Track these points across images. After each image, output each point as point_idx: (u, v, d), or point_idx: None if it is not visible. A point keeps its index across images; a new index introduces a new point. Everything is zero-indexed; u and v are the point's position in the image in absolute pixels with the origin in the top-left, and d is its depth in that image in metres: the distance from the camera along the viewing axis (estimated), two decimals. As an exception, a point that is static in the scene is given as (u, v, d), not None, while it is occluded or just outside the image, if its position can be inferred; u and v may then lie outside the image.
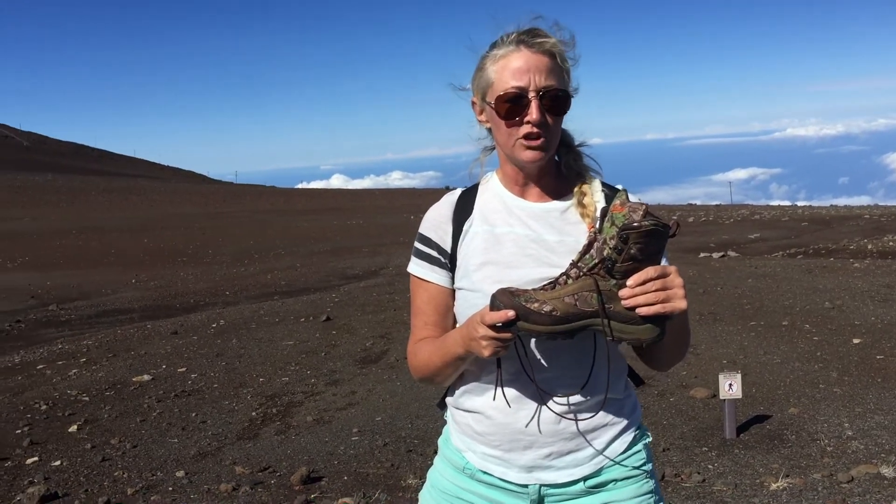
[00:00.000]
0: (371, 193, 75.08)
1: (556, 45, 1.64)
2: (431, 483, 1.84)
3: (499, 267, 1.67)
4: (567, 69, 1.67)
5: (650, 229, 1.46)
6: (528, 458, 1.68)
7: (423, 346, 1.75)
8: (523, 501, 1.71)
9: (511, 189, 1.75)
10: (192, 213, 48.16)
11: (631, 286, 1.47)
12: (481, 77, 1.68)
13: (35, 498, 5.09)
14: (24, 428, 6.86)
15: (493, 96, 1.65)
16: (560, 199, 1.73)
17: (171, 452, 6.00)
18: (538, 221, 1.70)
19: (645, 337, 1.51)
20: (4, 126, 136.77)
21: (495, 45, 1.67)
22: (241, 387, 7.86)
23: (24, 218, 44.18)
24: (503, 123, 1.64)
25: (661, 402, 6.48)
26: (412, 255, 1.80)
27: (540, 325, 1.49)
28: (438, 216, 1.79)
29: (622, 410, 1.74)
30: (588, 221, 1.69)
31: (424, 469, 5.18)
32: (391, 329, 10.23)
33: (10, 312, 14.42)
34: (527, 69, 1.61)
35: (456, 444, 1.78)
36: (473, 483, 1.74)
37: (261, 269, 20.05)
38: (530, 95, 1.61)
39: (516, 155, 1.66)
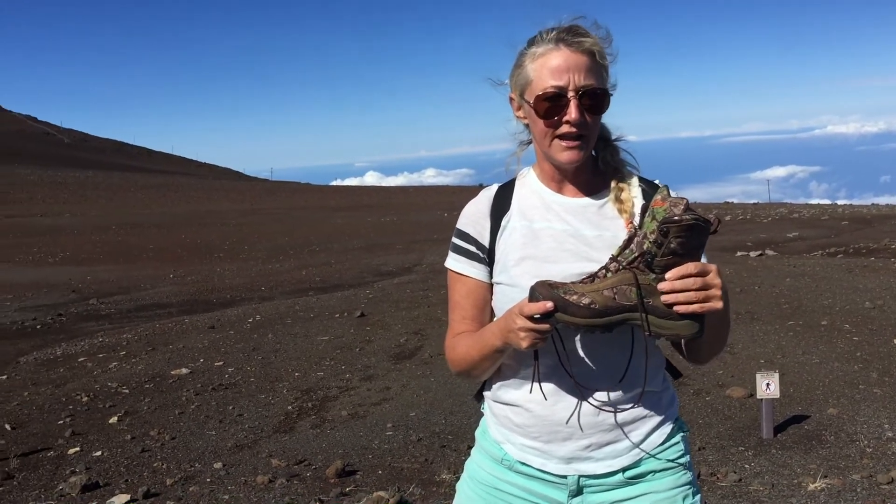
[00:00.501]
0: (405, 191, 75.26)
1: (595, 43, 1.64)
2: (469, 474, 1.85)
3: (537, 261, 1.68)
4: (605, 66, 1.67)
5: (691, 223, 1.45)
6: (567, 450, 1.69)
7: (460, 340, 1.77)
8: (562, 492, 1.72)
9: (548, 185, 1.75)
10: (228, 209, 48.71)
11: (670, 279, 1.47)
12: (520, 74, 1.69)
13: (77, 487, 5.21)
14: (67, 419, 7.02)
15: (532, 95, 1.65)
16: (597, 194, 1.74)
17: (209, 444, 6.09)
18: (576, 216, 1.71)
19: (683, 333, 1.51)
20: (47, 124, 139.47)
21: (534, 42, 1.67)
22: (277, 381, 7.95)
23: (66, 214, 45.05)
24: (542, 122, 1.65)
25: (697, 401, 6.43)
26: (450, 251, 1.82)
27: (578, 318, 1.50)
28: (476, 212, 1.80)
29: (660, 403, 1.74)
30: (625, 216, 1.69)
31: (458, 464, 5.21)
32: (425, 325, 10.27)
33: (52, 306, 14.71)
34: (566, 68, 1.61)
35: (494, 435, 1.80)
36: (512, 474, 1.76)
37: (296, 266, 20.21)
38: (569, 95, 1.61)
39: (554, 155, 1.67)
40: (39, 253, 25.72)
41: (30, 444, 6.35)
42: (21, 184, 65.67)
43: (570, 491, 1.71)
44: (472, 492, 1.82)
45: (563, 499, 1.72)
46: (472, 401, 6.17)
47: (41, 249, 26.69)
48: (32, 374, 8.99)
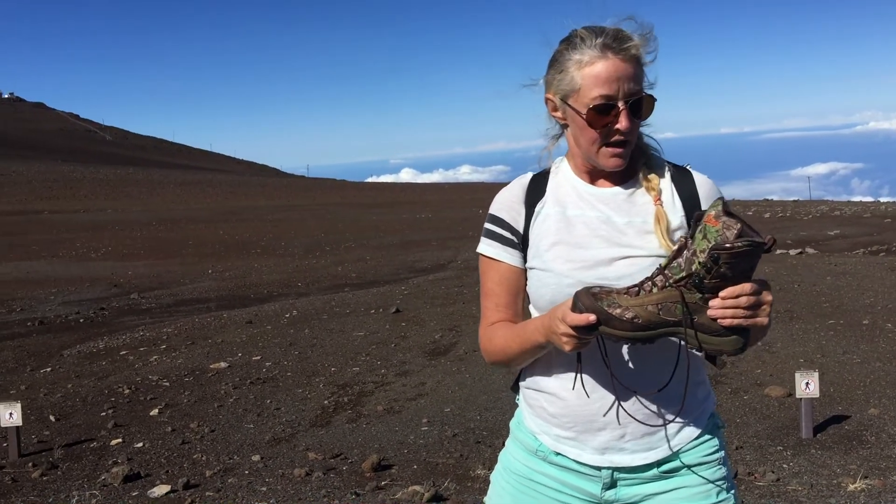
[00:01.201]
0: (440, 187, 75.37)
1: (639, 47, 1.65)
2: (503, 465, 1.87)
3: (570, 247, 1.71)
4: (647, 64, 1.68)
5: (744, 250, 1.43)
6: (601, 440, 1.70)
7: (498, 331, 1.78)
8: (595, 485, 1.73)
9: (581, 177, 1.79)
10: (265, 205, 49.20)
11: (723, 297, 1.47)
12: (563, 79, 1.69)
13: (119, 477, 5.32)
14: (109, 411, 7.17)
15: (578, 102, 1.66)
16: (626, 181, 1.76)
17: (247, 437, 6.18)
18: (607, 204, 1.73)
19: (728, 349, 1.51)
20: (89, 121, 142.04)
21: (575, 46, 1.66)
22: (314, 375, 8.03)
23: (107, 209, 45.86)
24: (591, 132, 1.67)
25: (734, 400, 6.37)
26: (482, 237, 1.83)
27: (620, 331, 1.51)
28: (511, 197, 1.82)
29: (696, 397, 1.75)
30: (654, 194, 1.71)
31: (493, 460, 5.22)
32: (460, 322, 10.29)
33: (94, 300, 15.02)
34: (616, 77, 1.63)
35: (529, 426, 1.81)
36: (546, 465, 1.77)
37: (332, 262, 20.37)
38: (620, 105, 1.63)
39: (600, 161, 1.70)
40: (82, 248, 26.24)
41: (73, 435, 6.50)
42: (64, 180, 67.01)
43: (604, 483, 1.72)
44: (506, 483, 1.84)
45: (597, 491, 1.73)
46: (507, 397, 6.16)
47: (84, 244, 27.23)
48: (76, 367, 9.20)
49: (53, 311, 13.73)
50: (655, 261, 1.64)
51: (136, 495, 5.04)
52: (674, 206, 1.71)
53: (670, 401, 1.69)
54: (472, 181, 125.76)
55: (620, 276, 1.63)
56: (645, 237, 1.68)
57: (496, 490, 1.86)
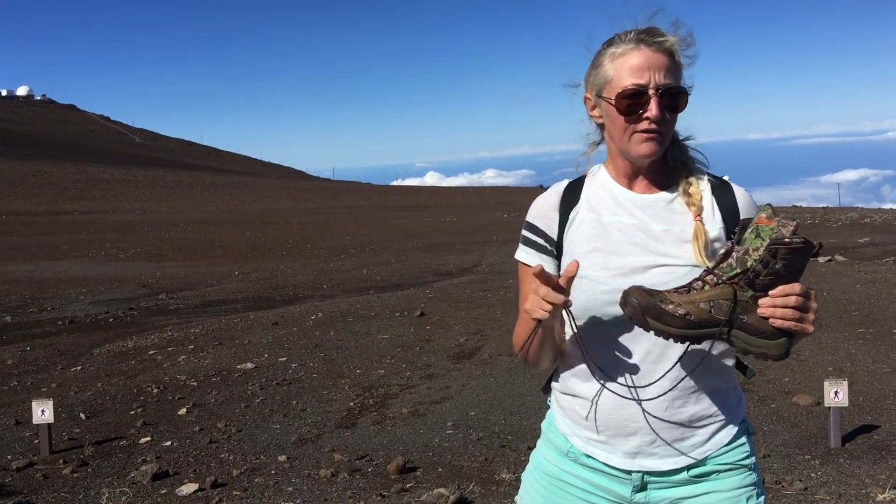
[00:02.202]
0: (464, 191, 75.40)
1: (674, 43, 1.67)
2: (535, 465, 1.89)
3: (605, 254, 1.71)
4: (683, 66, 1.70)
5: (800, 246, 1.47)
6: (631, 444, 1.71)
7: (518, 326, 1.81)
8: (626, 487, 1.74)
9: (619, 181, 1.78)
10: (291, 207, 49.54)
11: (775, 296, 1.49)
12: (597, 74, 1.72)
13: (148, 475, 5.40)
14: (138, 409, 7.27)
15: (611, 93, 1.68)
16: (666, 189, 1.76)
17: (274, 437, 6.24)
18: (644, 211, 1.74)
19: (773, 353, 1.52)
20: (119, 123, 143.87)
21: (612, 42, 1.70)
22: (339, 377, 8.08)
23: (136, 211, 46.43)
24: (621, 119, 1.68)
25: (762, 408, 6.32)
26: (520, 243, 1.86)
27: (673, 328, 1.52)
28: (546, 205, 1.84)
29: (727, 403, 1.75)
30: (694, 210, 1.72)
31: (518, 464, 5.23)
32: (484, 326, 10.30)
33: (123, 300, 15.22)
34: (647, 67, 1.65)
35: (560, 427, 1.83)
36: (577, 467, 1.79)
37: (357, 264, 20.46)
38: (650, 92, 1.64)
39: (631, 149, 1.70)
40: (112, 248, 26.59)
41: (103, 433, 6.60)
42: (95, 181, 67.92)
43: (634, 486, 1.73)
44: (537, 482, 1.86)
45: (627, 493, 1.74)
46: (532, 401, 6.17)
47: (113, 245, 27.59)
48: (105, 366, 9.33)
49: (83, 311, 13.93)
50: (691, 270, 1.65)
51: (165, 493, 5.11)
52: (713, 220, 1.72)
53: (700, 408, 1.70)
54: (497, 185, 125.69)
55: (654, 284, 1.63)
56: (682, 246, 1.68)
57: (527, 489, 1.88)
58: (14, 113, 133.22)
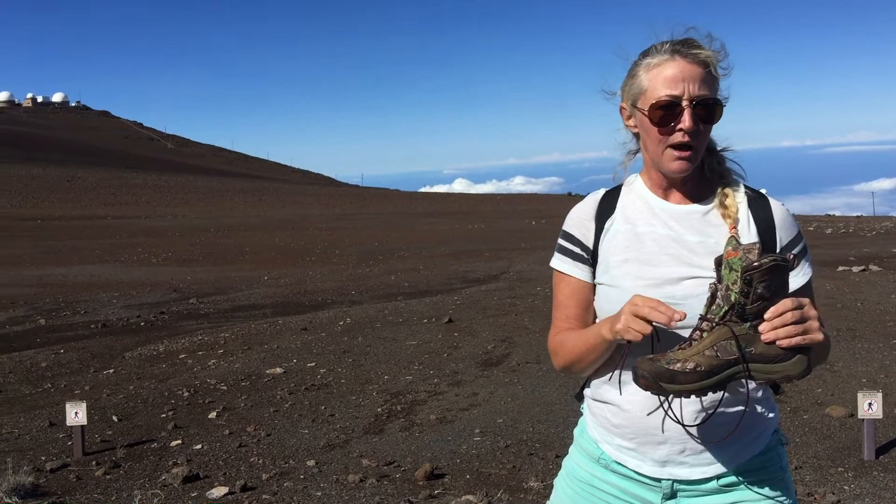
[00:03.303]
0: (493, 198, 75.37)
1: (709, 55, 1.67)
2: (567, 471, 1.90)
3: (639, 264, 1.72)
4: (718, 79, 1.70)
5: (771, 266, 1.49)
6: (662, 453, 1.71)
7: (568, 334, 1.81)
8: (656, 494, 1.74)
9: (655, 192, 1.79)
10: (320, 213, 49.85)
11: (769, 318, 1.49)
12: (633, 84, 1.73)
13: (179, 478, 5.46)
14: (169, 412, 7.35)
15: (645, 103, 1.69)
16: (702, 201, 1.76)
17: (303, 442, 6.28)
18: (680, 222, 1.73)
19: (794, 372, 1.51)
20: (152, 129, 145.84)
21: (648, 53, 1.71)
22: (367, 383, 8.11)
23: (168, 216, 46.99)
24: (655, 130, 1.68)
25: (794, 419, 6.25)
26: (555, 251, 1.87)
27: (688, 385, 1.52)
28: (582, 214, 1.85)
29: (759, 412, 1.75)
30: (729, 222, 1.71)
31: (546, 472, 5.22)
32: (512, 333, 10.29)
33: (154, 304, 15.40)
34: (681, 78, 1.65)
35: (592, 434, 1.84)
36: (608, 473, 1.79)
37: (385, 270, 20.53)
38: (684, 104, 1.64)
39: (664, 164, 1.70)
40: (144, 253, 26.93)
41: (135, 436, 6.69)
42: (127, 187, 68.89)
43: (665, 494, 1.73)
44: (569, 488, 1.86)
45: (658, 501, 1.74)
46: (560, 410, 6.14)
47: (145, 250, 27.94)
48: (137, 369, 9.45)
49: (116, 314, 14.12)
50: None
51: (196, 496, 5.16)
52: (748, 233, 1.71)
53: (730, 417, 1.69)
54: (526, 192, 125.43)
55: (687, 295, 1.63)
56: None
57: (559, 495, 1.89)
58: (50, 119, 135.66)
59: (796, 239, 1.74)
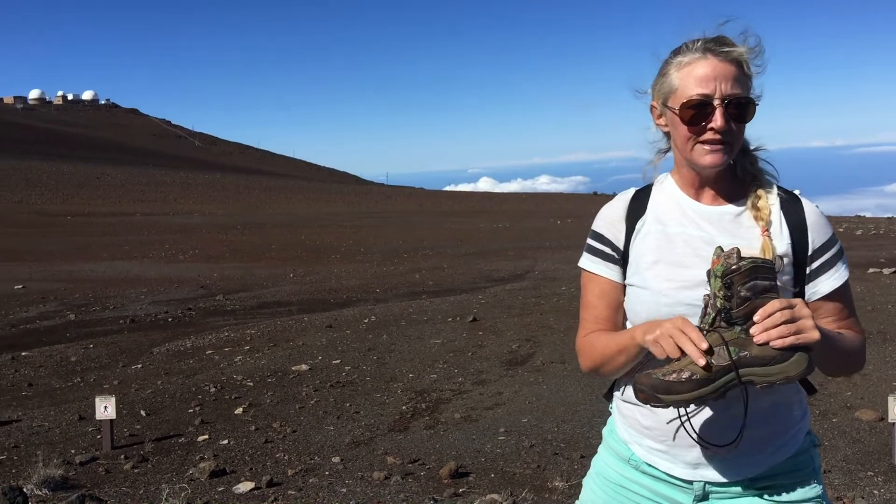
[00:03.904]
0: (518, 197, 75.17)
1: (742, 53, 1.64)
2: (596, 471, 1.88)
3: (670, 265, 1.70)
4: (751, 76, 1.67)
5: (749, 267, 1.49)
6: (693, 455, 1.70)
7: (601, 336, 1.79)
8: (687, 496, 1.72)
9: (686, 191, 1.76)
10: (345, 212, 50.04)
11: (758, 320, 1.47)
12: (664, 83, 1.71)
13: (206, 472, 5.52)
14: (196, 408, 7.42)
15: (676, 102, 1.67)
16: (734, 202, 1.73)
17: (328, 439, 6.31)
18: (711, 224, 1.71)
19: (793, 373, 1.49)
20: (179, 127, 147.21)
21: (679, 51, 1.69)
22: (392, 381, 8.14)
23: (195, 213, 47.39)
24: (685, 129, 1.66)
25: (823, 423, 6.17)
26: (584, 251, 1.85)
27: (686, 394, 1.51)
28: (612, 214, 1.83)
29: (791, 414, 1.73)
30: (762, 224, 1.68)
31: (571, 472, 5.20)
32: (537, 332, 10.27)
33: (182, 300, 15.55)
34: (713, 76, 1.63)
35: (622, 435, 1.82)
36: (638, 474, 1.78)
37: (409, 269, 20.56)
38: (715, 103, 1.62)
39: (695, 159, 1.68)
40: (171, 250, 27.18)
41: (163, 430, 6.76)
42: (155, 184, 69.61)
43: (696, 495, 1.71)
44: (598, 488, 1.85)
45: (689, 502, 1.72)
46: (585, 410, 6.10)
47: (173, 246, 28.20)
48: (165, 364, 9.55)
49: (144, 310, 14.28)
50: None
51: (222, 491, 5.22)
52: (780, 235, 1.69)
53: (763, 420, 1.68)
54: (551, 191, 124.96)
55: None
56: None
57: (588, 495, 1.88)
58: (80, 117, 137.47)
59: (830, 242, 1.71)
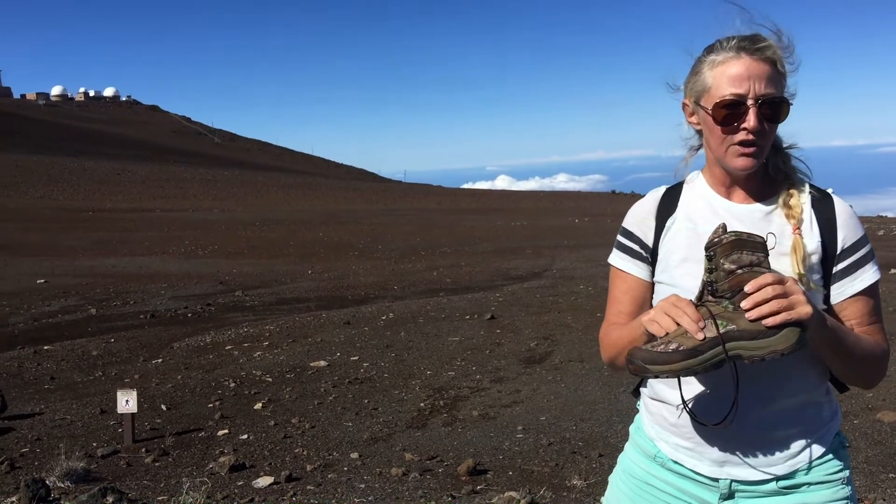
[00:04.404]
0: (535, 195, 75.00)
1: (776, 51, 1.63)
2: (622, 468, 1.88)
3: (699, 263, 1.69)
4: (785, 75, 1.66)
5: (732, 240, 1.51)
6: (720, 453, 1.69)
7: (615, 328, 1.80)
8: (713, 494, 1.72)
9: (717, 190, 1.76)
10: (363, 209, 50.13)
11: (749, 290, 1.47)
12: (696, 81, 1.70)
13: (225, 467, 5.56)
14: (216, 402, 7.48)
15: (709, 102, 1.66)
16: (765, 200, 1.72)
17: (346, 435, 6.34)
18: (742, 222, 1.70)
19: (780, 347, 1.48)
20: (199, 124, 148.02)
21: (713, 49, 1.68)
22: (410, 378, 8.16)
23: (214, 209, 47.66)
24: (718, 129, 1.66)
25: (844, 424, 6.07)
26: (614, 248, 1.86)
27: (671, 364, 1.51)
28: (642, 211, 1.83)
29: (821, 414, 1.72)
30: (793, 223, 1.67)
31: (589, 471, 5.20)
32: (555, 331, 10.25)
33: (201, 296, 15.65)
34: (747, 76, 1.61)
35: (648, 432, 1.82)
36: (664, 472, 1.78)
37: (427, 266, 20.57)
38: (749, 103, 1.61)
39: (728, 161, 1.67)
40: (191, 246, 27.36)
41: (183, 424, 6.82)
42: (175, 180, 70.06)
43: (722, 494, 1.71)
44: (624, 486, 1.85)
45: (715, 501, 1.72)
46: (603, 409, 6.08)
47: (192, 242, 28.38)
48: (185, 359, 9.63)
49: (164, 306, 14.39)
50: None
51: (242, 485, 5.25)
52: (811, 233, 1.68)
53: (791, 404, 1.67)
54: (569, 189, 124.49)
55: None
56: (779, 259, 1.64)
57: (614, 492, 1.88)
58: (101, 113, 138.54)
59: (860, 241, 1.70)
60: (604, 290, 1.95)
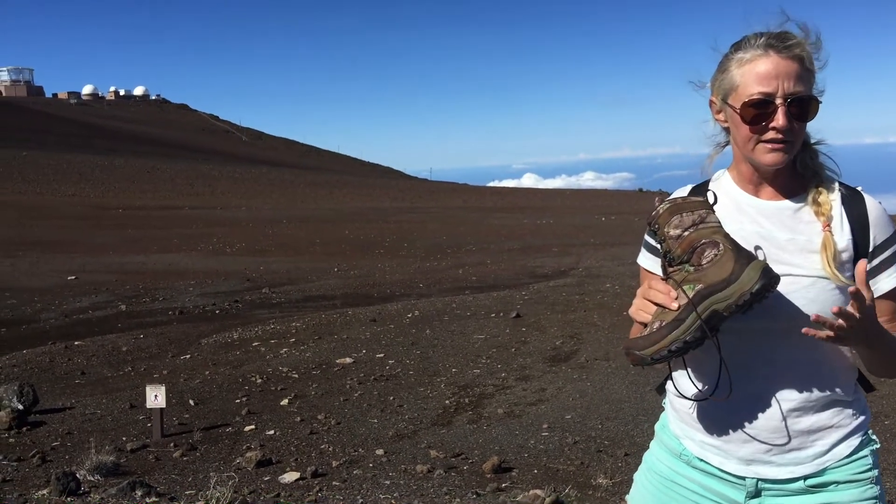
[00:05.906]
0: (562, 193, 74.68)
1: (805, 49, 1.61)
2: (648, 466, 1.87)
3: None
4: (814, 72, 1.64)
5: (668, 208, 1.55)
6: (746, 451, 1.68)
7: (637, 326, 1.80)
8: (739, 493, 1.70)
9: (744, 187, 1.74)
10: (389, 207, 50.24)
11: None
12: (724, 79, 1.68)
13: (252, 462, 5.61)
14: (243, 398, 7.54)
15: (737, 100, 1.64)
16: (793, 197, 1.70)
17: (372, 432, 6.37)
18: (769, 219, 1.69)
19: (748, 286, 1.48)
20: (227, 122, 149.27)
21: (740, 47, 1.66)
22: (435, 375, 8.17)
23: (242, 207, 48.02)
24: (746, 127, 1.64)
25: (875, 425, 6.00)
26: (642, 247, 1.85)
27: (659, 343, 1.52)
28: None
29: (849, 413, 1.70)
30: (822, 220, 1.65)
31: (615, 470, 5.18)
32: (581, 329, 10.21)
33: (229, 293, 15.79)
34: (775, 75, 1.60)
35: (674, 430, 1.81)
36: (690, 469, 1.76)
37: (452, 264, 20.58)
38: (777, 102, 1.59)
39: (756, 157, 1.66)
40: (219, 243, 27.59)
41: (210, 420, 6.89)
42: (204, 178, 70.71)
43: (748, 492, 1.69)
44: (650, 483, 1.84)
45: (741, 499, 1.71)
46: (629, 408, 6.06)
47: (220, 240, 28.62)
48: (212, 355, 9.72)
49: (192, 302, 14.54)
50: (815, 281, 1.60)
51: (268, 480, 5.30)
52: (841, 231, 1.66)
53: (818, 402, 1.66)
54: (596, 188, 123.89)
55: (777, 293, 1.59)
56: (808, 256, 1.63)
57: (639, 490, 1.87)
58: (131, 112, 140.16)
59: (892, 238, 1.67)
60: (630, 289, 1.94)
